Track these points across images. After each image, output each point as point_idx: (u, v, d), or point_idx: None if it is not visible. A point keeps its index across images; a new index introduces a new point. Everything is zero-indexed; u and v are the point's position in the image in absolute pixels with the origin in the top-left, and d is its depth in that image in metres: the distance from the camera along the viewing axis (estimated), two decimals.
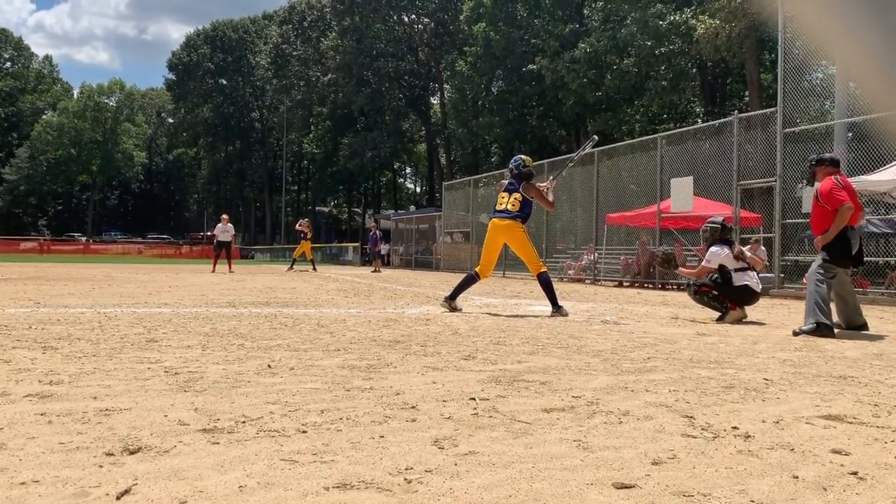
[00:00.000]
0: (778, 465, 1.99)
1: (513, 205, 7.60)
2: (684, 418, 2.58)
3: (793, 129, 11.99)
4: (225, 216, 21.87)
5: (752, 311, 7.06)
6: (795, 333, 5.62)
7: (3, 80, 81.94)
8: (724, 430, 2.40)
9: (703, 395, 3.04)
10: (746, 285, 6.96)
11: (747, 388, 3.26)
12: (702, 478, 1.87)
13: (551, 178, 7.88)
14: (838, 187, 5.83)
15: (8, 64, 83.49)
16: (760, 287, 7.20)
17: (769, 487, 1.80)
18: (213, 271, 20.20)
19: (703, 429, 2.42)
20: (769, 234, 12.88)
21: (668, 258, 8.29)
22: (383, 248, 41.33)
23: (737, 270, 7.02)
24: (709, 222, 7.46)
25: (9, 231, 70.47)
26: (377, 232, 28.08)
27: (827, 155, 6.37)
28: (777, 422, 2.56)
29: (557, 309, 7.26)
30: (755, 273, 7.19)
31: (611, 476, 1.86)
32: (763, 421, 2.57)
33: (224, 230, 20.88)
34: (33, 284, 11.48)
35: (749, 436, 2.33)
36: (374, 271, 25.07)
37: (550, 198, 7.79)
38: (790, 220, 11.98)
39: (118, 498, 1.61)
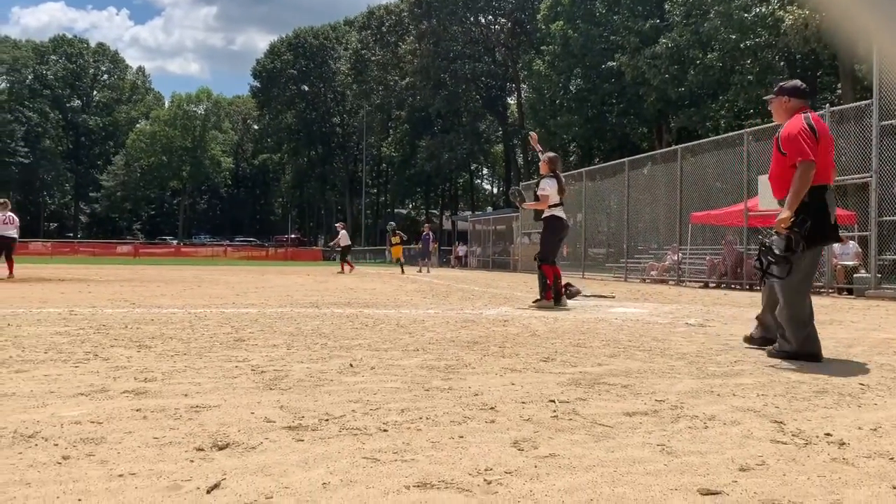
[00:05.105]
0: (876, 475, 1.90)
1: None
2: (773, 424, 2.49)
3: (891, 121, 11.39)
4: (339, 224, 25.27)
5: (846, 314, 6.74)
6: (770, 354, 4.31)
7: (102, 92, 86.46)
8: (817, 437, 2.30)
9: (793, 400, 2.93)
10: (555, 216, 8.15)
11: (841, 393, 3.12)
12: (793, 486, 1.79)
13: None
14: (808, 133, 4.17)
15: (105, 76, 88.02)
16: (566, 218, 8.49)
17: (866, 497, 1.71)
18: (343, 272, 22.87)
19: (793, 435, 2.32)
20: (864, 233, 12.28)
21: (515, 195, 9.45)
22: (460, 250, 41.59)
23: (552, 206, 8.16)
24: (549, 153, 8.52)
25: (106, 235, 74.36)
26: (430, 233, 28.55)
27: (788, 83, 4.57)
28: (875, 429, 2.43)
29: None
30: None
31: (696, 482, 1.81)
32: (859, 428, 2.45)
33: (345, 236, 24.04)
34: (129, 286, 12.05)
35: (844, 443, 2.23)
36: (420, 271, 25.39)
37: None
38: (888, 218, 11.39)
39: (208, 492, 1.67)
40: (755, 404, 2.83)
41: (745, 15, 26.84)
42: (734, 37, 27.36)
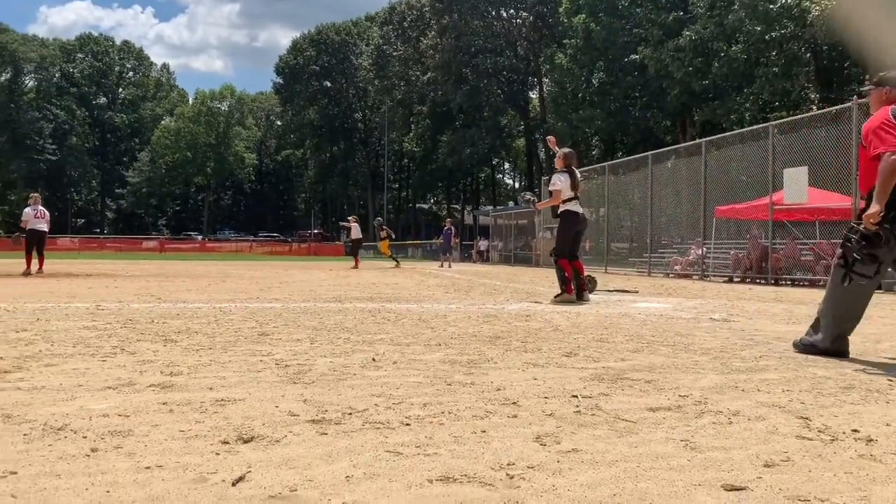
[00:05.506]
0: None
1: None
2: (799, 419, 2.46)
3: None
4: (352, 217, 25.02)
5: (873, 309, 6.65)
6: (796, 347, 4.26)
7: (127, 89, 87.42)
8: (844, 433, 2.27)
9: (819, 396, 2.90)
10: (569, 210, 8.30)
11: (869, 388, 3.08)
12: (818, 482, 1.78)
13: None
14: (891, 124, 3.80)
15: (130, 74, 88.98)
16: (583, 213, 8.60)
17: (894, 494, 1.69)
18: (357, 266, 22.76)
19: (819, 431, 2.30)
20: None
21: (530, 202, 10.23)
22: (482, 245, 41.55)
23: (566, 200, 8.33)
24: (564, 149, 8.75)
25: (132, 230, 75.30)
26: (452, 228, 28.50)
27: (891, 72, 4.15)
28: None
29: None
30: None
31: (720, 477, 1.80)
32: (887, 424, 2.42)
33: (357, 230, 24.06)
34: (155, 281, 12.19)
35: (871, 439, 2.20)
36: (441, 266, 25.51)
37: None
38: None
39: (234, 484, 1.69)
40: (780, 400, 2.80)
41: (771, 6, 26.48)
42: (759, 28, 27.00)
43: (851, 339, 4.18)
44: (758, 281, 15.07)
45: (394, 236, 26.33)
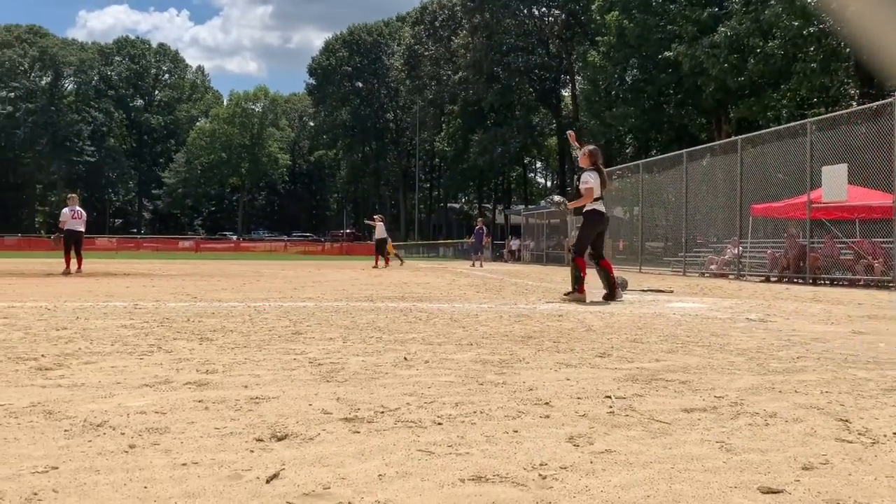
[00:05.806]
0: None
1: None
2: (838, 422, 2.41)
3: None
4: (377, 216, 24.70)
5: None
6: None
7: (163, 91, 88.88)
8: (885, 436, 2.22)
9: (859, 398, 2.83)
10: (595, 210, 8.27)
11: None
12: (858, 486, 1.74)
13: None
14: None
15: (166, 76, 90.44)
16: (606, 214, 8.56)
17: None
18: (377, 266, 23.02)
19: (859, 434, 2.25)
20: None
21: (561, 206, 9.81)
22: (513, 245, 41.44)
23: (594, 200, 8.25)
24: (588, 146, 8.69)
25: (168, 231, 76.55)
26: (483, 227, 28.45)
27: None
28: None
29: None
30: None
31: (756, 480, 1.77)
32: None
33: (382, 228, 23.89)
34: (191, 280, 12.36)
35: None
36: (472, 265, 25.56)
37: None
38: None
39: (268, 481, 1.70)
40: (819, 401, 2.75)
41: (809, 0, 25.99)
42: (796, 23, 26.50)
43: (888, 340, 4.09)
44: (795, 280, 14.81)
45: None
